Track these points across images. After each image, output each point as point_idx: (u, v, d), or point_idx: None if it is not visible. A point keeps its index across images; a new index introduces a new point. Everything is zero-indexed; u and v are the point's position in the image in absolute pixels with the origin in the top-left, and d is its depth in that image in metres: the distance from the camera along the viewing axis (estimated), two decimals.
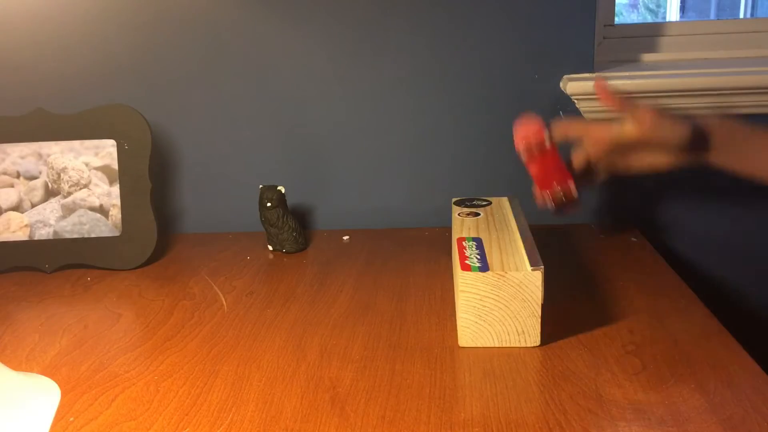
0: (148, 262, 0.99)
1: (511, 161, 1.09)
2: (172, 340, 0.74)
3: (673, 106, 1.03)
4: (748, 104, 1.02)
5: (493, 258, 0.70)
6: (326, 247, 1.02)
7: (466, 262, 0.69)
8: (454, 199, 0.93)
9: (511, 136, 1.08)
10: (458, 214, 0.87)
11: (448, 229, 1.07)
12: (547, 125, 0.78)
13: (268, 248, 1.03)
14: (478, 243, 0.74)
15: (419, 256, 0.96)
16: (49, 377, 0.67)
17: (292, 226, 1.00)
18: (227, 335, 0.75)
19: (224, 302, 0.84)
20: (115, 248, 0.98)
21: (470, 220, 0.84)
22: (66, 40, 1.07)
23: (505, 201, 0.91)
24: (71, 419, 0.60)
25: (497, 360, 0.66)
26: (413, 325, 0.75)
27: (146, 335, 0.76)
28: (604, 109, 1.04)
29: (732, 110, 1.03)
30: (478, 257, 0.70)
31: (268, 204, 0.99)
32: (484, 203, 0.90)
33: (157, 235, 0.99)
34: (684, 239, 1.10)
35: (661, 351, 0.67)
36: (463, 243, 0.75)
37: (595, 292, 0.68)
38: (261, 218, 1.01)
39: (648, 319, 0.74)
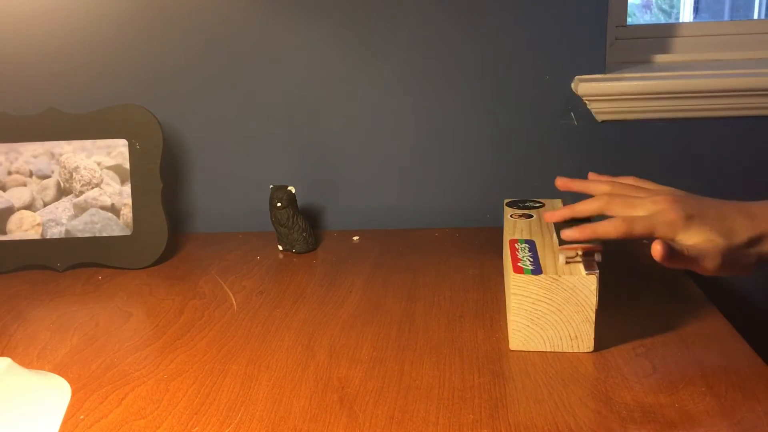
0: (158, 262, 0.99)
1: (520, 163, 1.09)
2: (182, 339, 0.75)
3: (683, 106, 1.02)
4: (761, 106, 1.01)
5: (546, 261, 0.68)
6: (336, 248, 1.02)
7: (519, 264, 0.68)
8: (506, 200, 0.90)
9: (522, 135, 1.08)
10: (510, 216, 0.85)
11: (458, 230, 1.07)
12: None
13: (278, 248, 1.03)
14: (531, 245, 0.73)
15: (429, 256, 0.96)
16: (60, 375, 0.67)
17: (302, 226, 1.00)
18: (237, 335, 0.75)
19: (234, 302, 0.84)
20: (126, 247, 0.98)
21: (522, 222, 0.82)
22: (78, 40, 1.07)
23: (558, 203, 0.89)
24: (81, 417, 0.60)
25: (506, 362, 0.66)
26: (422, 326, 0.75)
27: (156, 334, 0.76)
28: (615, 111, 1.04)
29: (745, 112, 1.02)
30: (531, 260, 0.69)
31: (279, 204, 0.99)
32: (537, 205, 0.88)
33: (168, 234, 0.99)
34: None
35: (672, 353, 0.67)
36: (516, 245, 0.73)
37: (604, 294, 0.67)
38: (271, 218, 1.01)
39: (658, 322, 0.73)
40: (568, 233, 0.68)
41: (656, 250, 0.62)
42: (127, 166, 0.99)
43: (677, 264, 0.63)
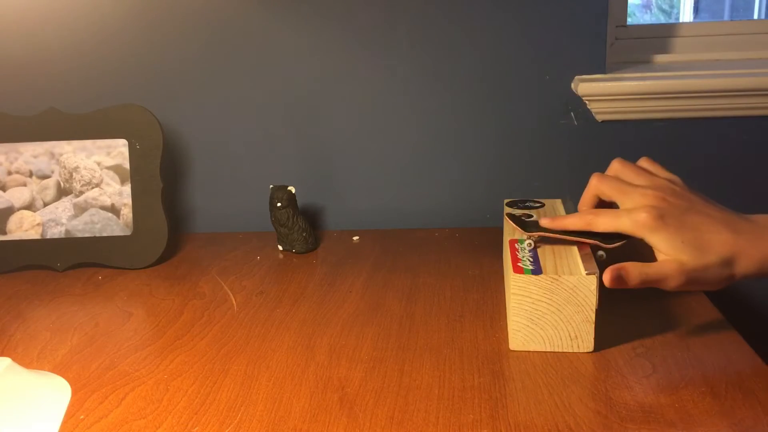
0: (158, 262, 0.99)
1: (520, 163, 1.09)
2: (182, 339, 0.75)
3: (683, 106, 1.02)
4: (761, 106, 1.01)
5: (546, 261, 0.68)
6: (336, 248, 1.02)
7: (519, 264, 0.68)
8: (506, 201, 0.91)
9: (522, 135, 1.08)
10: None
11: (458, 230, 1.07)
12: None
13: (278, 248, 1.03)
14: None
15: (429, 257, 0.96)
16: (60, 375, 0.67)
17: (302, 227, 1.00)
18: (237, 335, 0.75)
19: (234, 302, 0.84)
20: (126, 247, 0.98)
21: None
22: (78, 40, 1.07)
23: (558, 203, 0.89)
24: (81, 417, 0.60)
25: (506, 362, 0.66)
26: (422, 326, 0.75)
27: (156, 334, 0.76)
28: (615, 111, 1.04)
29: (745, 112, 1.02)
30: (531, 260, 0.69)
31: (279, 204, 0.99)
32: (537, 205, 0.88)
33: (168, 234, 0.99)
34: None
35: (672, 353, 0.67)
36: (516, 245, 0.73)
37: (604, 294, 0.67)
38: (271, 218, 1.01)
39: (658, 322, 0.73)
40: (544, 222, 0.72)
41: (605, 277, 0.63)
42: (127, 166, 0.99)
43: (634, 286, 0.64)
